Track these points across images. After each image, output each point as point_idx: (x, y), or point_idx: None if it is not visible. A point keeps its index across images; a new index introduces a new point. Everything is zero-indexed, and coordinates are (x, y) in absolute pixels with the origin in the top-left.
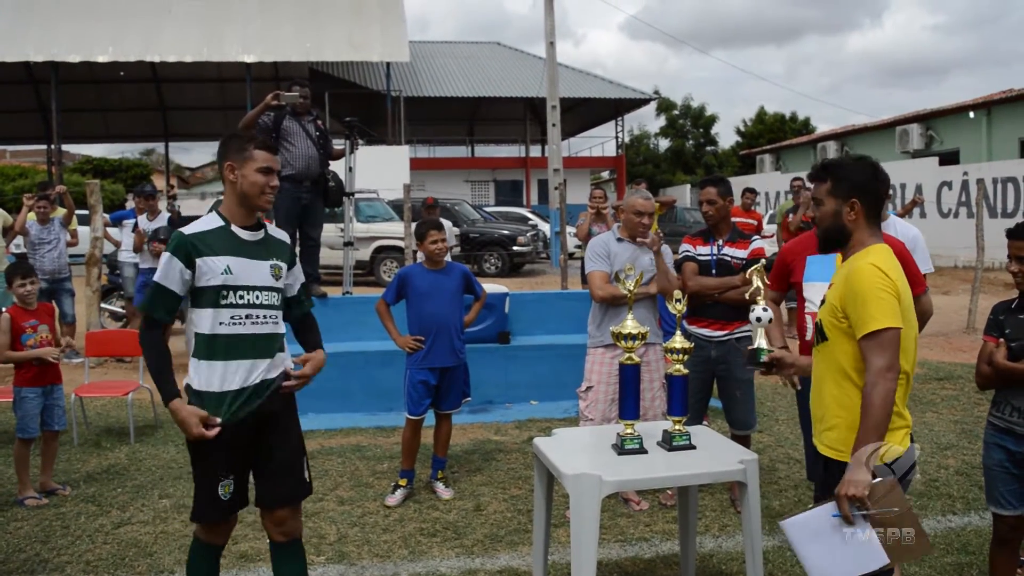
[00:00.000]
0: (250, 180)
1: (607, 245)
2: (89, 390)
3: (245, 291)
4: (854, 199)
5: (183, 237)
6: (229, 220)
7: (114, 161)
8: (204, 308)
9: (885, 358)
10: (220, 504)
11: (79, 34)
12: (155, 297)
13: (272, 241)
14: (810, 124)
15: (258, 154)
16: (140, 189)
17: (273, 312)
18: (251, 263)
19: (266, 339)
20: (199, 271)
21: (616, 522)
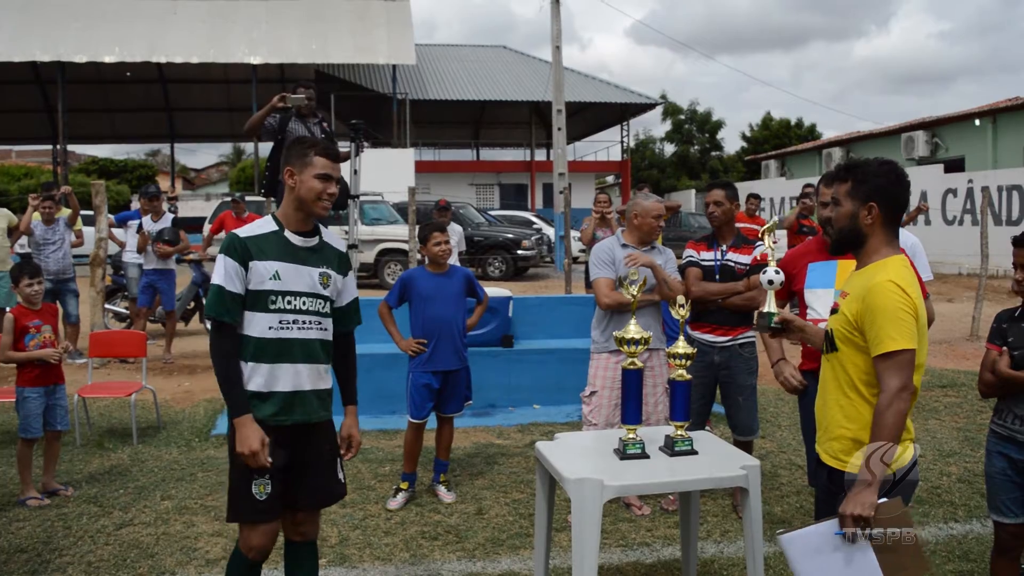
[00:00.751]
0: (308, 186)
1: (611, 251)
2: (92, 391)
3: (293, 296)
4: (872, 202)
5: (236, 238)
6: (284, 225)
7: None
8: (255, 312)
9: (901, 379)
10: (255, 504)
11: (86, 35)
12: (219, 299)
13: (326, 248)
14: (816, 130)
15: (318, 160)
16: (144, 190)
17: (320, 319)
18: (300, 269)
19: (313, 344)
20: (250, 273)
21: (617, 527)
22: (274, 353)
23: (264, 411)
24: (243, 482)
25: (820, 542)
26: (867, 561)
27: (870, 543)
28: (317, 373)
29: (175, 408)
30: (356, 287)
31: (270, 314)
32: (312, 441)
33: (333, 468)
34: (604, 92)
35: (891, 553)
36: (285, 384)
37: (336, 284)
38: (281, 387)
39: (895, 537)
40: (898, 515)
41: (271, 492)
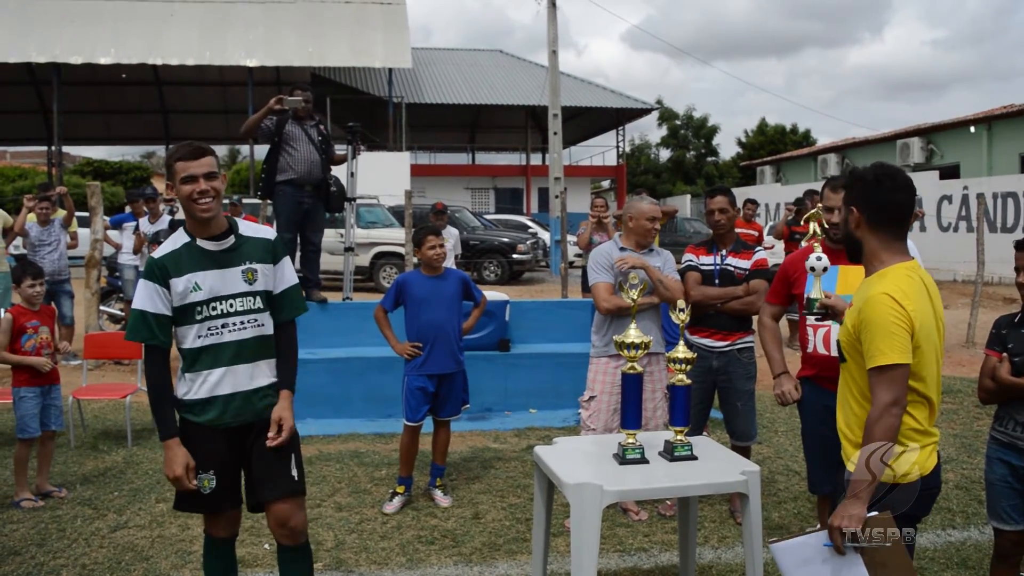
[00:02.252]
0: (180, 192)
1: (609, 255)
2: (87, 392)
3: (218, 301)
4: (852, 207)
5: (153, 260)
6: (193, 235)
7: (114, 163)
8: (184, 325)
9: (892, 393)
10: (199, 497)
11: (81, 36)
12: (141, 322)
13: (246, 243)
14: (811, 136)
15: (178, 166)
16: (141, 192)
17: (252, 316)
18: (220, 273)
19: (249, 344)
20: (173, 291)
21: (615, 532)
22: (208, 360)
23: (208, 415)
24: None
25: (810, 553)
26: (856, 573)
27: (859, 555)
28: (258, 371)
29: None
30: (294, 274)
31: (197, 324)
32: (260, 436)
33: (286, 462)
34: (600, 97)
35: (880, 567)
36: (224, 387)
37: (267, 275)
38: (221, 391)
39: (884, 550)
40: (887, 528)
41: (216, 487)
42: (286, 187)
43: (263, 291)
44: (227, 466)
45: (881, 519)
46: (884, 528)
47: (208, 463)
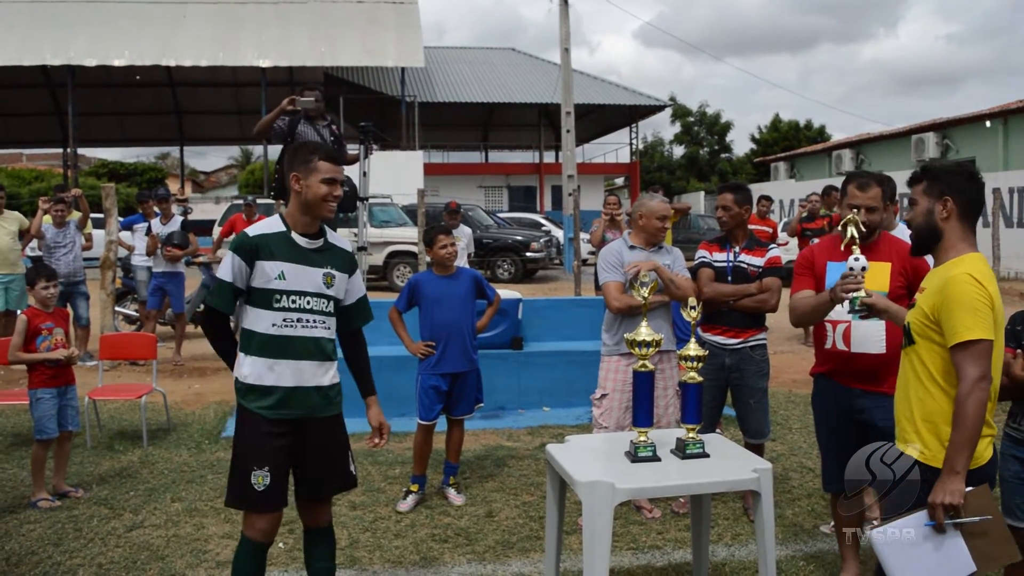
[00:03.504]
0: (314, 190)
1: (619, 254)
2: (102, 393)
3: (297, 296)
4: (947, 197)
5: (247, 238)
6: (291, 227)
7: (129, 165)
8: (260, 308)
9: (979, 368)
10: (252, 494)
11: (95, 38)
12: (222, 291)
13: (332, 249)
14: (825, 132)
15: (323, 165)
16: (153, 192)
17: (323, 317)
18: (305, 269)
19: (316, 342)
20: (256, 272)
21: (628, 530)
22: (277, 349)
23: (264, 403)
24: (243, 472)
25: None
26: (958, 549)
27: (960, 531)
28: (321, 369)
29: (185, 410)
30: (364, 286)
31: (274, 312)
32: (317, 435)
33: (344, 459)
34: (613, 94)
35: (981, 539)
36: (287, 380)
37: (342, 284)
38: (284, 382)
39: (985, 523)
40: (986, 502)
41: (270, 484)
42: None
43: (335, 298)
44: (280, 463)
45: (979, 492)
46: (983, 500)
47: (263, 459)
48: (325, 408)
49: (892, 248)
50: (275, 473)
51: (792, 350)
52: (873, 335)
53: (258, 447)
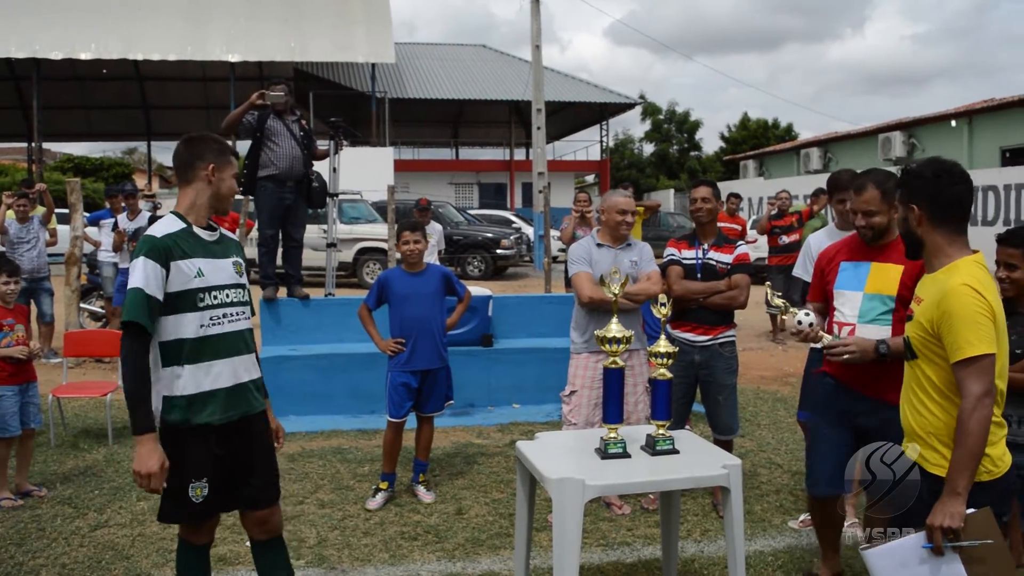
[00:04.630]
0: (228, 184)
1: (588, 249)
2: (67, 391)
3: (217, 291)
4: (912, 204)
5: (156, 240)
6: (191, 222)
7: (95, 160)
8: (183, 313)
9: (982, 384)
10: (191, 507)
11: (61, 31)
12: (141, 302)
13: (227, 240)
14: (793, 131)
15: (236, 162)
16: (119, 188)
17: (243, 308)
18: (217, 263)
19: (243, 335)
20: (173, 274)
21: (598, 526)
22: (210, 351)
23: (209, 412)
24: (179, 486)
25: (907, 555)
26: (955, 573)
27: (957, 553)
28: (251, 362)
29: None
30: None
31: (199, 312)
32: (252, 434)
33: (275, 465)
34: (583, 92)
35: (980, 565)
36: (226, 379)
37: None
38: (222, 383)
39: (984, 548)
40: (988, 525)
41: (208, 494)
42: (268, 183)
43: (245, 285)
44: (217, 471)
45: (980, 516)
46: (984, 524)
47: (201, 470)
48: (257, 404)
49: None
50: (213, 483)
51: (761, 347)
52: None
53: (200, 460)
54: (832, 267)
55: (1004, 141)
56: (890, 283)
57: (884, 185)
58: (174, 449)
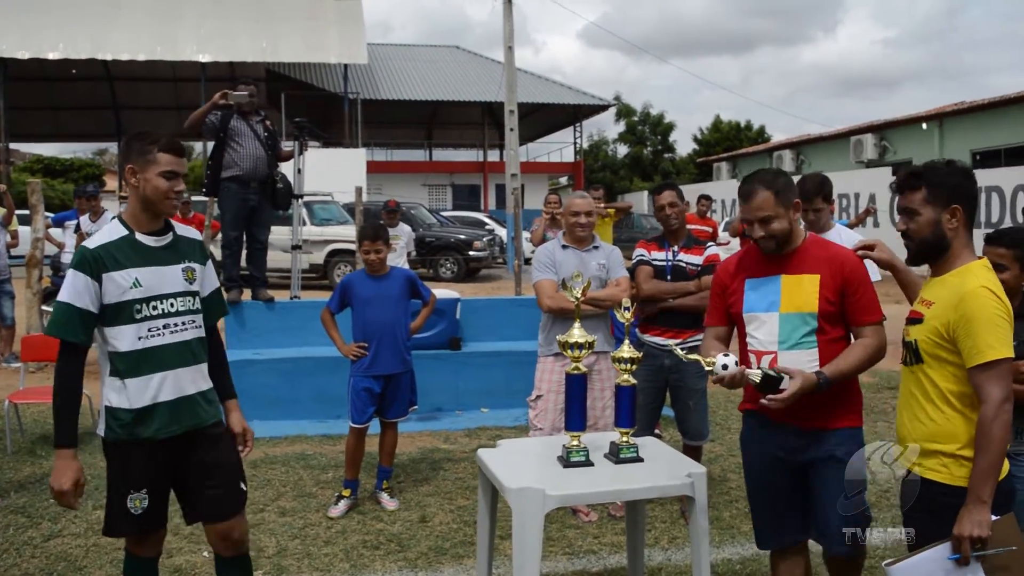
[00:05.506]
0: (153, 184)
1: (552, 253)
2: (24, 396)
3: (159, 301)
4: (956, 205)
5: (87, 251)
6: (133, 228)
7: (65, 160)
8: (120, 325)
9: (1003, 389)
10: (130, 518)
11: (28, 30)
12: (67, 317)
13: (182, 242)
14: (765, 133)
15: (162, 157)
16: (82, 189)
17: (192, 317)
18: (161, 271)
19: (189, 346)
20: (107, 287)
21: (564, 534)
22: (149, 363)
23: (152, 426)
24: (118, 498)
25: (932, 569)
26: None
27: (980, 562)
28: (199, 374)
29: None
30: (216, 276)
31: (136, 324)
32: (206, 447)
33: (236, 476)
34: (557, 93)
35: (1003, 572)
36: (167, 393)
37: (201, 276)
38: (164, 396)
39: (1008, 555)
40: (1011, 531)
41: (148, 506)
42: (231, 184)
43: (198, 292)
44: (159, 483)
45: (1004, 522)
46: (1008, 530)
47: (141, 482)
48: (209, 416)
49: (821, 256)
50: (154, 495)
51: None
52: (803, 363)
53: (137, 471)
54: (736, 286)
55: (975, 144)
56: (808, 298)
57: (775, 185)
58: (115, 461)
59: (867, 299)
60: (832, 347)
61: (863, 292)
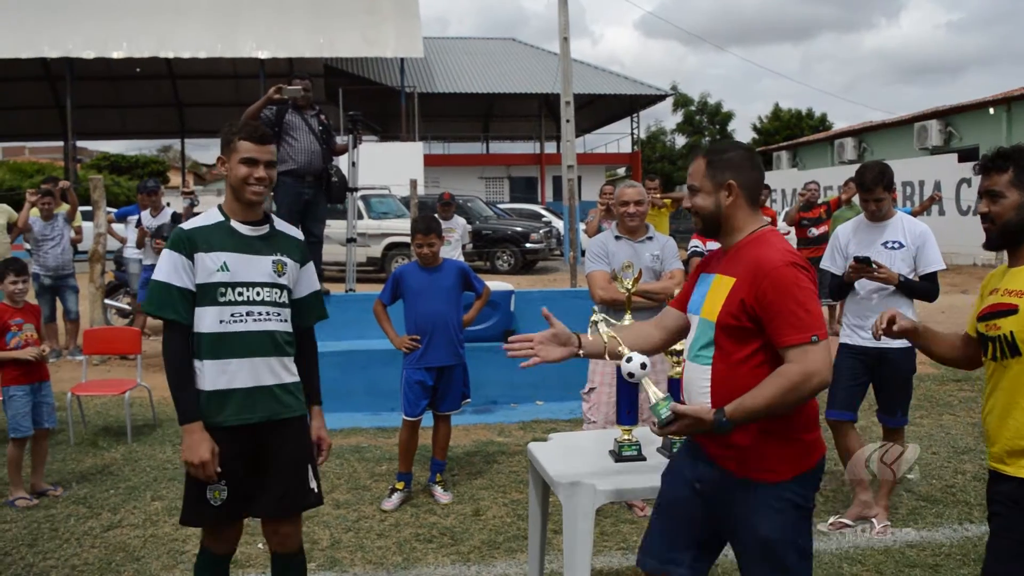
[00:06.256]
0: (234, 172)
1: (605, 244)
2: (87, 388)
3: (244, 287)
4: None
5: (181, 232)
6: (229, 216)
7: (131, 158)
8: (204, 306)
9: None
10: (209, 509)
11: (94, 31)
12: (163, 295)
13: (279, 236)
14: (827, 120)
15: (242, 145)
16: (143, 185)
17: (277, 309)
18: (251, 259)
19: (272, 336)
20: (197, 267)
21: (619, 528)
22: (228, 348)
23: (225, 411)
24: (197, 487)
25: None
26: None
27: None
28: (280, 365)
29: (172, 405)
30: (317, 280)
31: (219, 307)
32: (280, 441)
33: (304, 474)
34: (614, 84)
35: None
36: (244, 380)
37: (293, 272)
38: (240, 383)
39: None
40: None
41: (227, 497)
42: (286, 178)
43: (289, 287)
44: (238, 475)
45: None
46: None
47: (220, 472)
48: (287, 409)
49: (748, 257)
50: (232, 486)
51: None
52: (696, 379)
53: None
54: (693, 279)
55: None
56: (715, 304)
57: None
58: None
59: (790, 314)
60: (733, 370)
61: (784, 305)
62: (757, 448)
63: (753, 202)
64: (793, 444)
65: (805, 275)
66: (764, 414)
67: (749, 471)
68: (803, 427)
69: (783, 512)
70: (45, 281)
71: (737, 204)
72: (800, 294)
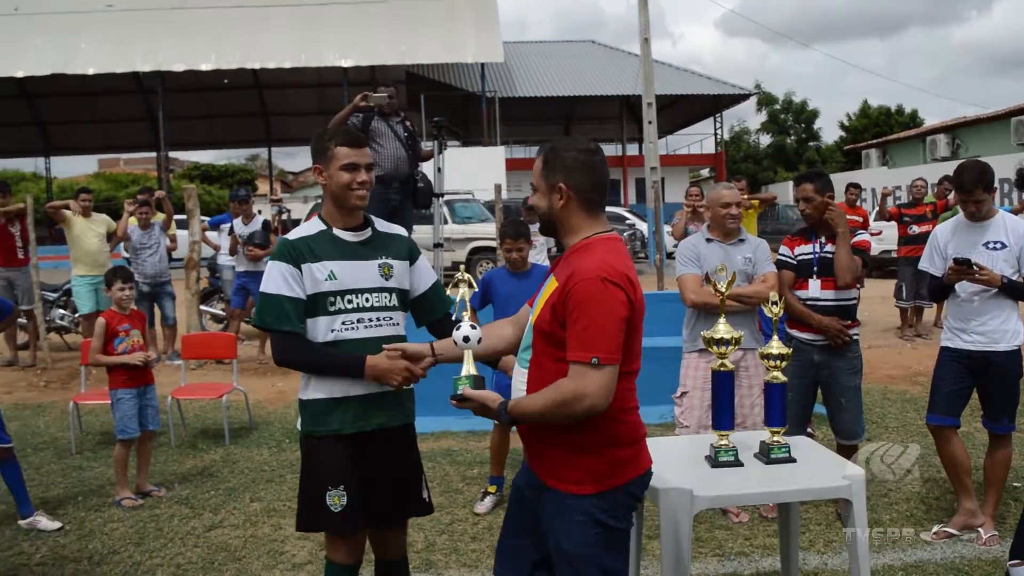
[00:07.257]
0: (336, 180)
1: (696, 247)
2: (185, 392)
3: (353, 295)
4: None
5: (287, 242)
6: (330, 224)
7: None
8: (315, 317)
9: None
10: (330, 516)
11: (183, 44)
12: (276, 307)
13: (382, 238)
14: (918, 117)
15: (340, 151)
16: (235, 194)
17: (388, 314)
18: (357, 265)
19: (384, 342)
20: (304, 277)
21: (714, 535)
22: None
23: (341, 419)
24: (316, 493)
25: None
26: None
27: None
28: None
29: (267, 408)
30: (433, 272)
31: (330, 316)
32: (390, 449)
33: (417, 483)
34: (696, 84)
35: None
36: (359, 388)
37: (403, 273)
38: (355, 391)
39: None
40: None
41: (347, 503)
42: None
43: (398, 288)
44: (356, 482)
45: None
46: None
47: (336, 477)
48: (399, 416)
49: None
50: (352, 492)
51: (888, 344)
52: (517, 385)
53: (333, 467)
54: None
55: None
56: (539, 308)
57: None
58: (309, 455)
59: (583, 329)
60: (543, 374)
61: (579, 319)
62: (564, 458)
63: (590, 206)
64: (600, 458)
65: (615, 293)
66: (537, 420)
67: (554, 480)
68: (613, 441)
69: (583, 526)
70: (144, 288)
71: (569, 207)
72: (598, 312)
